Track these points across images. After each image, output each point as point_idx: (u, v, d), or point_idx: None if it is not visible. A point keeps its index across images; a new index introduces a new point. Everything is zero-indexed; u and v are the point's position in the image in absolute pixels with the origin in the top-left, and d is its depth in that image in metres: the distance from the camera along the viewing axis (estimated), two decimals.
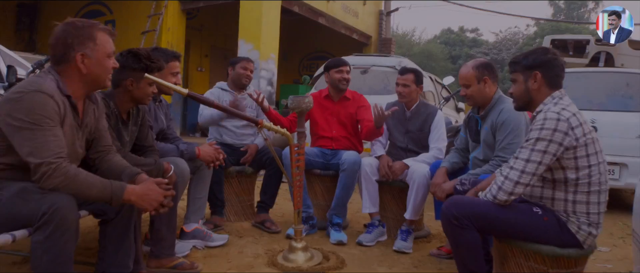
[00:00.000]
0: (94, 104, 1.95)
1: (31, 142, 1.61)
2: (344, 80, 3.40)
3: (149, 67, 2.19)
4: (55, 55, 1.75)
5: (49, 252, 1.55)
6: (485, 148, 2.62)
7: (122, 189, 1.70)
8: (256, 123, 2.30)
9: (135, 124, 2.38)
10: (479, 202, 1.86)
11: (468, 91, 2.61)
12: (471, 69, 2.58)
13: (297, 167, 2.46)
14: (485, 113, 2.62)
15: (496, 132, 2.53)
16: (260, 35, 8.14)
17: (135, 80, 2.20)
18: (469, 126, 2.82)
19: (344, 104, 3.46)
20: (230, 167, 3.36)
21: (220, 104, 2.19)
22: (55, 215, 1.55)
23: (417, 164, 3.11)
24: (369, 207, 3.21)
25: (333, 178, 3.38)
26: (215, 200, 3.22)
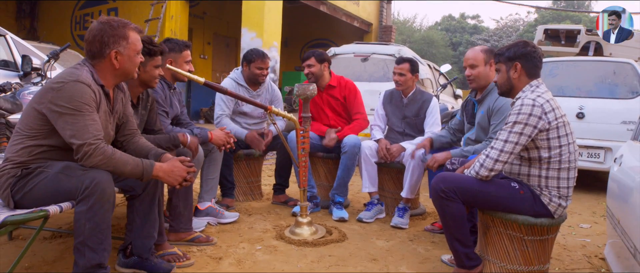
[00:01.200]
0: (122, 92, 2.18)
1: (73, 126, 1.84)
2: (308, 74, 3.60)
3: (152, 51, 2.40)
4: (91, 50, 1.98)
5: (91, 220, 1.80)
6: (478, 130, 2.87)
7: (151, 166, 1.95)
8: (265, 108, 2.54)
9: (144, 108, 2.60)
10: (464, 177, 2.11)
11: (474, 71, 2.81)
12: (480, 52, 2.81)
13: (302, 149, 2.71)
14: (482, 97, 2.86)
15: (492, 117, 2.77)
16: (263, 23, 8.32)
17: (141, 64, 2.36)
18: (466, 109, 3.09)
19: (331, 92, 3.68)
20: (239, 151, 3.61)
21: (234, 92, 2.44)
22: (97, 188, 1.79)
23: (412, 147, 3.36)
24: (369, 186, 3.46)
25: (335, 160, 3.63)
26: (225, 182, 3.47)
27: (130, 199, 2.23)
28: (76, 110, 1.85)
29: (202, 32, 12.01)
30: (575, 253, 2.93)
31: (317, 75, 3.61)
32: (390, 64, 6.09)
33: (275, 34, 8.76)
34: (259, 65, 3.51)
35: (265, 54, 3.55)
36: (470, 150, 2.77)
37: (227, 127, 3.42)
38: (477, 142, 2.88)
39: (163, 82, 2.91)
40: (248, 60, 3.54)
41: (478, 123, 2.87)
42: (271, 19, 8.59)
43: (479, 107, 2.91)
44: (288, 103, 10.91)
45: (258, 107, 2.62)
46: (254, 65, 3.51)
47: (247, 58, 3.55)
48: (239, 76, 3.61)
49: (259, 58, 3.51)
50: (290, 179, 3.87)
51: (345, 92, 3.70)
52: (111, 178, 1.87)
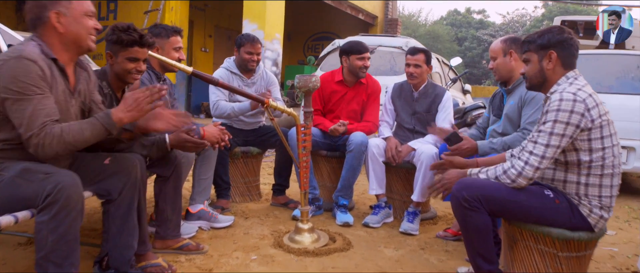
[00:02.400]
0: (85, 70, 1.90)
1: (21, 114, 1.58)
2: (365, 67, 3.32)
3: (121, 39, 2.10)
4: (31, 18, 1.71)
5: (55, 231, 1.54)
6: (505, 122, 2.63)
7: (108, 115, 1.69)
8: (262, 102, 2.26)
9: None
10: (489, 184, 1.83)
11: (494, 63, 2.64)
12: (499, 42, 2.62)
13: (303, 147, 2.43)
14: (513, 87, 2.63)
15: (524, 107, 2.53)
16: (265, 14, 8.03)
17: (113, 54, 2.14)
18: (493, 102, 2.85)
19: (359, 90, 3.40)
20: (235, 148, 3.33)
21: (225, 83, 2.15)
22: (60, 194, 1.53)
23: (424, 145, 3.08)
24: (376, 188, 3.18)
25: (339, 159, 3.35)
26: (220, 183, 3.20)
27: (106, 204, 1.96)
28: (22, 94, 1.58)
29: (203, 24, 11.72)
30: (605, 265, 2.64)
31: None
32: (397, 57, 5.82)
33: (278, 26, 8.48)
34: (248, 49, 3.24)
35: (255, 38, 3.28)
36: (499, 144, 2.50)
37: (225, 109, 3.15)
38: (504, 134, 2.62)
39: (151, 72, 2.64)
40: (238, 44, 3.29)
41: (506, 114, 2.63)
42: (273, 10, 8.30)
43: (508, 97, 2.68)
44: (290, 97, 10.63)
45: (253, 99, 2.33)
46: (244, 50, 3.25)
47: (237, 43, 3.30)
48: (231, 64, 3.35)
49: (249, 42, 3.25)
50: (292, 177, 3.60)
51: (370, 90, 3.42)
52: (78, 181, 1.60)
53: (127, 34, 2.12)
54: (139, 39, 2.14)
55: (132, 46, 2.14)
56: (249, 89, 3.36)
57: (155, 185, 2.36)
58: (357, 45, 3.32)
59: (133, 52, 2.14)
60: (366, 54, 3.31)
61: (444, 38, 29.74)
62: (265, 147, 3.48)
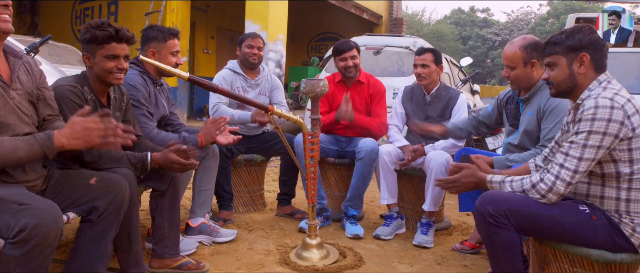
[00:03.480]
0: (19, 58, 1.67)
1: None
2: (348, 68, 3.13)
3: (95, 36, 1.89)
4: None
5: (24, 266, 1.36)
6: (523, 135, 2.39)
7: (50, 137, 1.47)
8: (266, 110, 2.08)
9: (119, 109, 2.15)
10: (518, 198, 1.64)
11: (512, 73, 2.35)
12: (518, 49, 2.31)
13: (311, 157, 2.25)
14: (530, 96, 2.38)
15: (543, 119, 2.30)
16: (267, 15, 7.86)
17: (89, 55, 1.94)
18: (507, 108, 2.60)
19: (358, 89, 3.22)
20: (238, 156, 3.16)
21: (226, 89, 1.98)
22: (36, 232, 1.35)
23: (434, 152, 2.89)
24: (387, 198, 3.00)
25: (348, 167, 3.17)
26: (222, 193, 3.03)
27: (83, 222, 1.77)
28: None
29: (206, 25, 11.56)
30: None
31: (358, 69, 3.19)
32: (405, 57, 5.63)
33: (281, 26, 8.30)
34: (249, 43, 3.15)
35: (255, 33, 3.21)
36: (517, 160, 2.29)
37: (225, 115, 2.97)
38: (521, 149, 2.40)
39: (146, 76, 2.47)
40: (239, 41, 3.21)
41: (524, 127, 2.40)
42: (276, 10, 8.13)
43: (524, 106, 2.43)
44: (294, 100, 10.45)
45: (257, 107, 2.16)
46: (244, 45, 3.16)
47: (239, 41, 3.22)
48: (234, 65, 3.22)
49: (249, 36, 3.18)
50: (298, 184, 3.42)
51: (372, 91, 3.23)
52: (59, 216, 1.42)
53: (102, 30, 1.90)
54: (115, 33, 1.92)
55: (109, 42, 1.91)
56: (253, 89, 3.19)
57: (151, 200, 2.18)
58: (338, 45, 3.16)
59: (111, 49, 1.92)
60: (347, 53, 3.11)
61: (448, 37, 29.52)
62: (269, 155, 3.31)
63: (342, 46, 3.15)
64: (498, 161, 2.33)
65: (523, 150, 2.38)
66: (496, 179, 1.76)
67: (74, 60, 7.19)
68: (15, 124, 1.56)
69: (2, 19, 1.52)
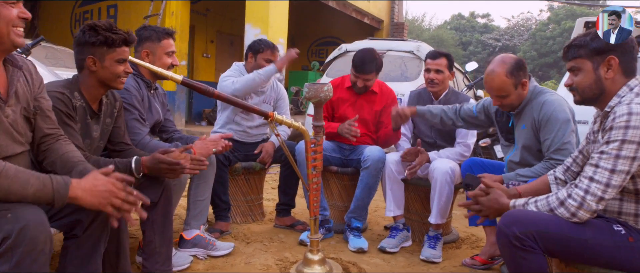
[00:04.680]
0: (19, 69, 1.52)
1: None
2: (361, 87, 2.96)
3: (110, 39, 1.79)
4: None
5: None
6: (523, 151, 2.26)
7: (66, 185, 1.30)
8: (266, 116, 1.93)
9: (110, 115, 2.01)
10: (545, 218, 1.48)
11: (505, 101, 2.22)
12: (505, 77, 2.16)
13: (313, 167, 2.10)
14: (521, 108, 2.26)
15: (541, 130, 2.17)
16: (268, 19, 7.72)
17: (97, 58, 1.82)
18: (497, 120, 2.48)
19: (370, 99, 3.05)
20: (236, 164, 3.00)
21: (222, 94, 1.83)
22: (23, 236, 1.19)
23: (439, 160, 2.74)
24: (394, 209, 2.84)
25: (352, 176, 3.01)
26: (219, 203, 2.87)
27: (67, 240, 1.62)
28: None
29: (205, 29, 11.43)
30: None
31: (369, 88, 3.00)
32: (409, 62, 5.50)
33: (281, 30, 8.16)
34: (268, 57, 2.95)
35: (275, 45, 3.01)
36: (529, 175, 2.13)
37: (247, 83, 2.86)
38: (524, 165, 2.25)
39: (139, 79, 2.32)
40: (255, 50, 2.97)
41: (522, 142, 2.27)
42: (277, 13, 7.99)
43: (516, 120, 2.31)
44: (295, 105, 10.30)
45: (257, 113, 2.00)
46: (262, 57, 2.95)
47: (254, 48, 2.97)
48: (242, 70, 3.01)
49: (269, 49, 2.96)
50: (298, 193, 3.26)
51: (386, 101, 3.06)
52: (44, 218, 1.27)
53: (115, 33, 1.81)
54: (127, 36, 1.85)
55: (121, 46, 1.83)
56: (258, 97, 3.04)
57: None
58: (358, 62, 2.91)
59: (122, 53, 1.84)
60: (365, 76, 2.90)
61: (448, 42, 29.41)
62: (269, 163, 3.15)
63: (362, 65, 2.89)
64: (508, 178, 2.19)
65: (523, 166, 2.25)
66: (520, 202, 1.60)
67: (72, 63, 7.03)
68: (6, 144, 1.42)
69: (17, 33, 1.40)
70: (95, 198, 1.32)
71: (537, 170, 2.11)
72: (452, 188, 2.67)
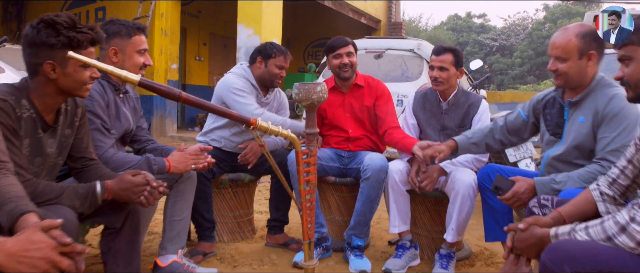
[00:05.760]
0: None
1: None
2: (344, 66, 2.66)
3: (75, 40, 1.47)
4: None
5: None
6: (571, 148, 1.91)
7: None
8: (247, 123, 1.61)
9: (70, 125, 1.68)
10: (607, 253, 1.16)
11: (561, 66, 1.87)
12: (573, 37, 1.84)
13: (306, 182, 1.77)
14: (582, 98, 1.91)
15: (602, 125, 1.82)
16: (261, 18, 7.42)
17: (57, 64, 1.49)
18: (546, 113, 2.11)
19: (357, 94, 2.75)
20: (221, 176, 2.68)
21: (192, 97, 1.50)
22: None
23: (460, 171, 2.42)
24: (399, 225, 2.52)
25: (351, 187, 2.69)
26: (202, 222, 2.53)
27: None
28: None
29: (197, 32, 11.11)
30: None
31: (354, 70, 2.72)
32: (409, 61, 5.19)
33: (275, 31, 7.86)
34: (281, 63, 2.65)
35: (287, 51, 2.71)
36: (567, 181, 1.81)
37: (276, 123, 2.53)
38: (569, 165, 1.92)
39: (105, 81, 2.00)
40: (266, 55, 2.65)
41: (573, 136, 1.92)
42: (270, 13, 7.68)
43: (572, 111, 1.96)
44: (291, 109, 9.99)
45: (237, 120, 1.68)
46: (274, 63, 2.64)
47: (266, 52, 2.65)
48: (249, 73, 2.69)
49: (282, 54, 2.65)
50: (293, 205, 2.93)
51: (376, 94, 2.76)
52: None
53: (80, 32, 1.50)
54: (95, 35, 1.54)
55: (87, 47, 1.53)
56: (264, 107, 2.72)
57: (101, 241, 1.71)
58: (332, 41, 2.71)
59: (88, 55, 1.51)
60: (342, 49, 2.66)
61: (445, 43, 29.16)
62: (259, 174, 2.83)
63: (335, 42, 2.70)
64: (542, 184, 1.85)
65: (568, 165, 1.91)
66: (564, 230, 1.28)
67: None
68: None
69: None
70: (22, 266, 0.99)
71: (583, 175, 1.77)
72: (473, 203, 2.36)
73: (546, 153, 2.04)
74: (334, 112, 2.74)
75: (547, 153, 2.04)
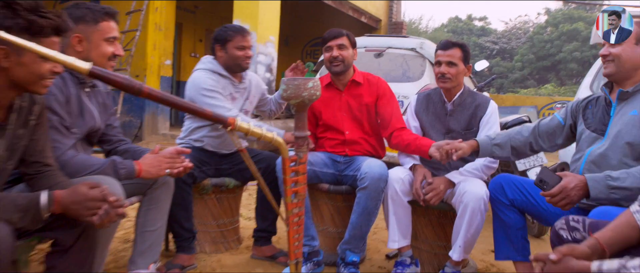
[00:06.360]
0: None
1: None
2: (334, 59, 2.42)
3: (36, 25, 1.26)
4: None
5: None
6: (614, 145, 1.69)
7: None
8: (224, 123, 1.36)
9: (24, 125, 1.44)
10: None
11: (613, 51, 1.71)
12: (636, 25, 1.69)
13: (294, 193, 1.52)
14: (634, 90, 1.71)
15: None
16: (257, 14, 7.15)
17: (13, 51, 1.27)
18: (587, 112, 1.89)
19: (355, 92, 2.51)
20: (204, 180, 2.43)
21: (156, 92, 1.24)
22: None
23: (469, 181, 2.18)
24: (399, 239, 2.27)
25: (347, 196, 2.44)
26: (181, 232, 2.28)
27: None
28: None
29: (193, 28, 10.84)
30: None
31: (348, 64, 2.46)
32: (411, 60, 4.94)
33: (272, 27, 7.60)
34: (239, 43, 2.41)
35: (244, 28, 2.47)
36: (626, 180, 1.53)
37: None
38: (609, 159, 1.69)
39: (67, 74, 1.74)
40: (223, 40, 2.43)
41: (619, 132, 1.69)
42: (267, 9, 7.42)
43: (621, 106, 1.74)
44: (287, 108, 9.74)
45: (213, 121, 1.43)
46: (232, 45, 2.41)
47: (221, 38, 2.43)
48: (216, 65, 2.45)
49: (238, 34, 2.42)
50: None
51: (376, 93, 2.51)
52: None
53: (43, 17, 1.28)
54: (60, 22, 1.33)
55: (49, 35, 1.32)
56: (241, 96, 2.49)
57: (47, 258, 1.46)
58: (325, 33, 2.49)
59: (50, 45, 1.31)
60: (333, 41, 2.43)
61: None
62: (245, 179, 2.58)
63: (327, 33, 2.47)
64: (595, 180, 1.58)
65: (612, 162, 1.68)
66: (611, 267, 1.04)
67: None
68: None
69: None
70: None
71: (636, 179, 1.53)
72: (484, 217, 2.11)
73: (586, 152, 1.80)
74: (330, 111, 2.49)
75: (587, 151, 1.79)
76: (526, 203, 2.00)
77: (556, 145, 2.04)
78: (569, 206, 1.64)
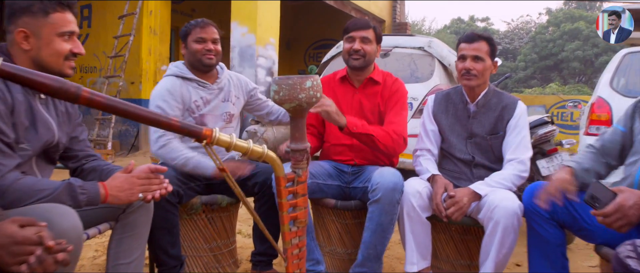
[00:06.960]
0: None
1: None
2: (355, 52, 2.14)
3: None
4: None
5: None
6: None
7: None
8: (198, 137, 1.05)
9: None
10: None
11: None
12: None
13: (292, 220, 1.21)
14: None
15: None
16: (256, 15, 6.87)
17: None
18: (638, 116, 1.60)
19: (370, 92, 2.22)
20: (193, 199, 2.12)
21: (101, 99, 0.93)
22: None
23: (499, 193, 1.86)
24: (418, 261, 1.96)
25: (357, 212, 2.13)
26: (165, 259, 1.96)
27: None
28: None
29: None
30: None
31: (369, 60, 2.19)
32: (419, 60, 4.64)
33: (272, 29, 7.31)
34: (198, 35, 2.09)
35: (206, 20, 2.14)
36: None
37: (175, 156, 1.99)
38: None
39: None
40: (184, 36, 2.13)
41: None
42: (267, 10, 7.14)
43: None
44: None
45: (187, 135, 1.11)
46: (191, 39, 2.10)
47: (183, 34, 2.14)
48: (182, 68, 2.14)
49: (197, 26, 2.10)
50: None
51: (390, 92, 2.22)
52: None
53: None
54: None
55: None
56: (215, 97, 2.17)
57: None
58: (349, 22, 2.21)
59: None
60: (357, 32, 2.15)
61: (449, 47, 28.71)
62: None
63: (352, 22, 2.19)
64: None
65: None
66: None
67: None
68: None
69: None
70: None
71: None
72: (517, 235, 1.80)
73: None
74: (342, 109, 2.17)
75: None
76: (568, 217, 1.70)
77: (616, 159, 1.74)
78: (627, 227, 1.35)
